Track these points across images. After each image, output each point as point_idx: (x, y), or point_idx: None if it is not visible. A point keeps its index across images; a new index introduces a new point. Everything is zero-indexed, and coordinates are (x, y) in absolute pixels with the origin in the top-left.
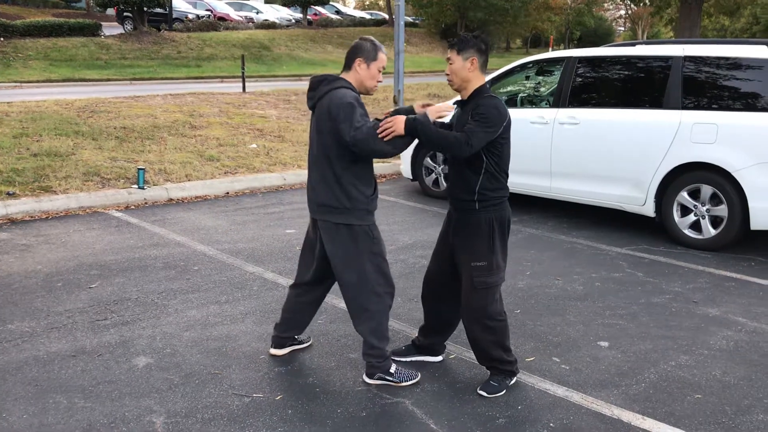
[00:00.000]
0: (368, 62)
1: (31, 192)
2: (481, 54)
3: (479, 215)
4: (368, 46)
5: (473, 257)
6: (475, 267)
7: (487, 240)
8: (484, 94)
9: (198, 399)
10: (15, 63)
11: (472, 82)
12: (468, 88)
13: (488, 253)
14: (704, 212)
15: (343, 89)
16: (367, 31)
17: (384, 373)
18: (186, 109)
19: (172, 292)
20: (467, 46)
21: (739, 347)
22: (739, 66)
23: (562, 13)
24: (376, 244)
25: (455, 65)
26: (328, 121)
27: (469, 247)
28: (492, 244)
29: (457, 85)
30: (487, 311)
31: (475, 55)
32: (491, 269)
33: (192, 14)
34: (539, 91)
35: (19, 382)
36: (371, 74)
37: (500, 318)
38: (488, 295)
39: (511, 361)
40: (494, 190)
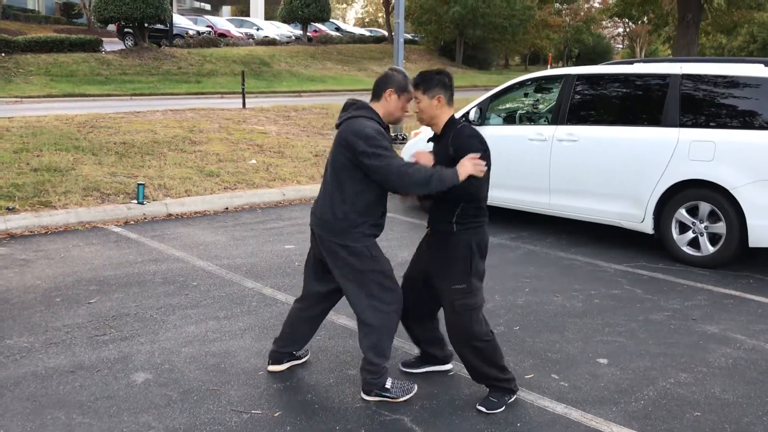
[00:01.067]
0: (399, 93)
1: (30, 207)
2: (446, 90)
3: (458, 237)
4: (400, 78)
5: (452, 280)
6: (455, 290)
7: (465, 262)
8: (456, 125)
9: (196, 415)
10: (16, 78)
11: (440, 117)
12: (438, 123)
13: (466, 275)
14: (702, 229)
15: (364, 119)
16: (366, 48)
17: (380, 390)
18: (186, 125)
19: (171, 308)
20: (431, 84)
21: (738, 365)
22: (737, 84)
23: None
24: (377, 262)
25: (422, 104)
26: (343, 147)
27: (448, 270)
28: (470, 267)
29: (427, 122)
30: (472, 333)
31: (440, 92)
32: (470, 291)
33: (192, 30)
34: (538, 108)
35: (17, 397)
36: (401, 105)
37: (487, 338)
38: (471, 316)
39: (507, 378)
40: (475, 215)
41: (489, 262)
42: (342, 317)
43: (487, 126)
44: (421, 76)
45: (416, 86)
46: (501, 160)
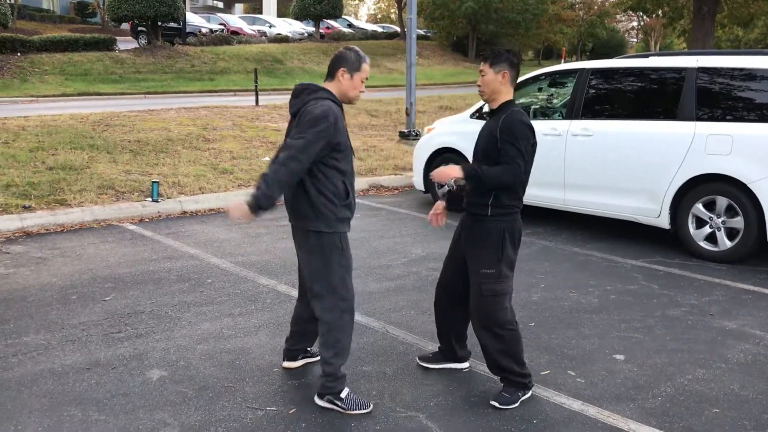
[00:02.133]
0: (351, 72)
1: (46, 205)
2: (512, 68)
3: (491, 224)
4: (352, 56)
5: (482, 264)
6: (484, 274)
7: (496, 249)
8: (512, 107)
9: (212, 412)
10: (32, 78)
11: (501, 94)
12: (497, 99)
13: (496, 261)
14: (720, 224)
15: (324, 100)
16: (379, 44)
17: (333, 396)
18: (199, 123)
19: (186, 305)
20: (500, 59)
21: (757, 361)
22: (754, 77)
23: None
24: (345, 257)
25: (487, 77)
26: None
27: (478, 254)
28: (501, 254)
29: (488, 95)
30: (496, 318)
31: (507, 68)
32: (499, 277)
33: (205, 28)
34: (552, 102)
35: (34, 394)
36: (354, 85)
37: (510, 327)
38: (496, 302)
39: (524, 373)
40: (509, 200)
41: None
42: (356, 314)
43: None
44: (491, 50)
45: (484, 59)
46: None
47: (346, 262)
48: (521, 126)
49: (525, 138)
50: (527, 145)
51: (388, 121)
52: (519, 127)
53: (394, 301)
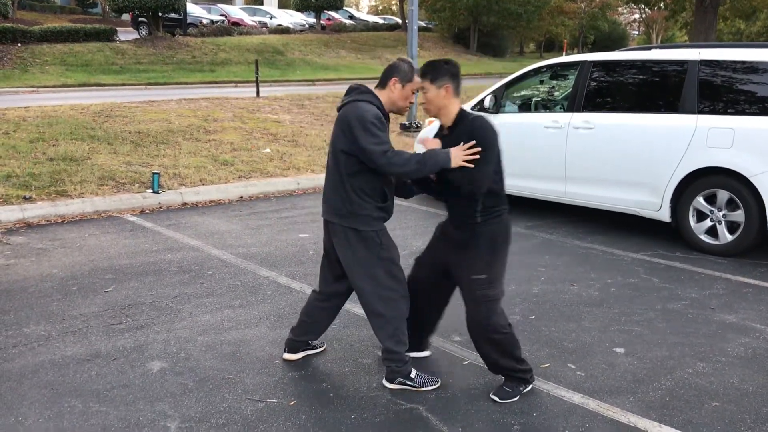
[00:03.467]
0: (403, 83)
1: (47, 196)
2: (454, 79)
3: (480, 228)
4: (405, 67)
5: (473, 270)
6: (475, 280)
7: (487, 253)
8: (468, 117)
9: (212, 404)
10: (32, 68)
11: (448, 108)
12: (447, 114)
13: (487, 266)
14: (721, 217)
15: (366, 104)
16: (380, 35)
17: (404, 378)
18: (200, 114)
19: (186, 297)
20: (440, 74)
21: (757, 354)
22: (756, 70)
23: (576, 17)
24: (385, 250)
25: (430, 93)
26: (341, 130)
27: (469, 261)
28: (492, 258)
29: (434, 113)
30: (492, 325)
31: (448, 82)
32: (491, 282)
33: (206, 19)
34: (553, 95)
35: (34, 385)
36: (404, 95)
37: (505, 331)
38: (490, 307)
39: (524, 369)
40: (496, 204)
41: None
42: (357, 306)
43: (502, 114)
44: (430, 65)
45: (423, 75)
46: (516, 148)
47: (388, 255)
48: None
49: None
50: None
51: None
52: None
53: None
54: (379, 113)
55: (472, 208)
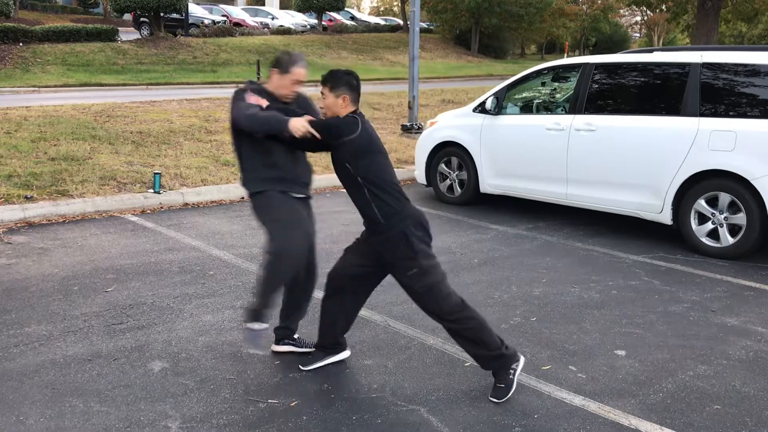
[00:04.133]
0: (282, 73)
1: (48, 196)
2: (352, 90)
3: (388, 230)
4: (285, 58)
5: (403, 269)
6: (410, 276)
7: (405, 249)
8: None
9: (213, 404)
10: (34, 68)
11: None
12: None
13: (413, 261)
14: (722, 220)
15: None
16: (382, 36)
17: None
18: (202, 114)
19: (188, 297)
20: (339, 83)
21: (758, 357)
22: (758, 73)
23: (578, 19)
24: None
25: (328, 100)
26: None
27: (396, 261)
28: (412, 251)
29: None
30: (443, 309)
31: (346, 92)
32: (423, 272)
33: (208, 20)
34: (555, 97)
35: (36, 385)
36: (282, 84)
37: (459, 311)
38: (433, 294)
39: (496, 342)
40: (393, 201)
41: (506, 253)
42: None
43: (504, 115)
44: (330, 74)
45: (324, 82)
46: (518, 149)
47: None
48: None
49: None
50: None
51: (390, 114)
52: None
53: (395, 295)
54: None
55: (371, 209)
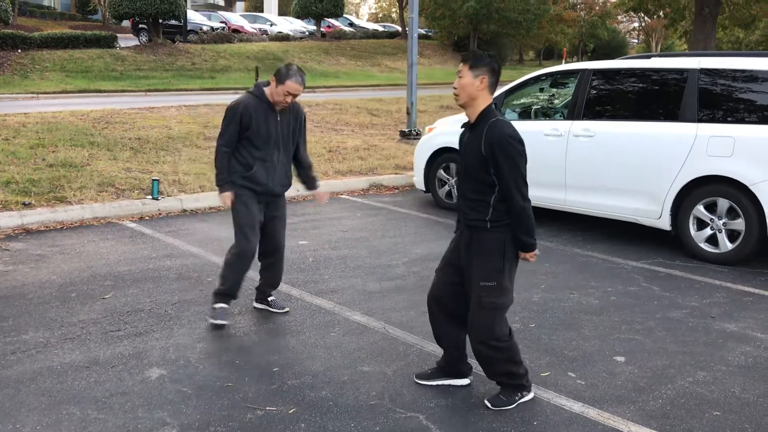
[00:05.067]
0: (277, 83)
1: (46, 202)
2: (492, 74)
3: (490, 234)
4: (283, 70)
5: (482, 277)
6: (484, 287)
7: (497, 260)
8: (491, 117)
9: (211, 412)
10: (32, 74)
11: (478, 100)
12: (474, 107)
13: (497, 273)
14: (721, 226)
15: (247, 95)
16: (380, 43)
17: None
18: (200, 121)
19: (186, 304)
20: (480, 63)
21: (758, 363)
22: (756, 78)
23: (576, 25)
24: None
25: (464, 80)
26: None
27: (479, 266)
28: (502, 265)
29: (463, 101)
30: (494, 332)
31: (486, 74)
32: (500, 290)
33: (206, 26)
34: (553, 103)
35: (32, 392)
36: (277, 92)
37: (506, 340)
38: (495, 315)
39: (521, 374)
40: (507, 211)
41: None
42: (356, 314)
43: None
44: (472, 53)
45: (464, 60)
46: None
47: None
48: (511, 141)
49: (520, 155)
50: (524, 162)
51: (389, 120)
52: (507, 142)
53: (394, 301)
54: (245, 101)
55: (484, 213)
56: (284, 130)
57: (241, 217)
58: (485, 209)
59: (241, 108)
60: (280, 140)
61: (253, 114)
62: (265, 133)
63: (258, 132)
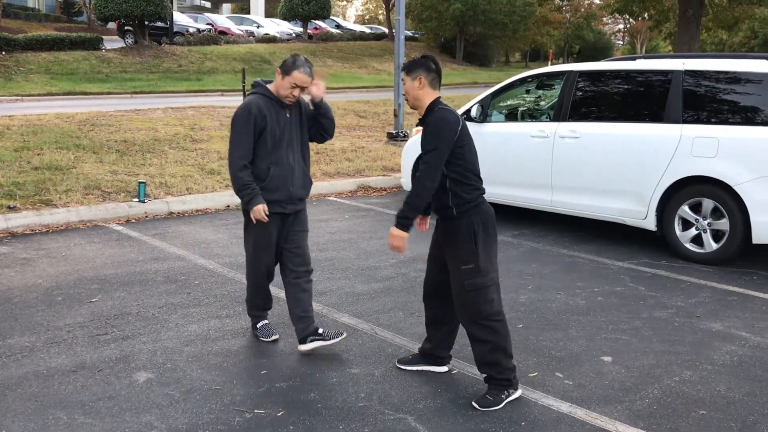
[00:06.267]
0: (283, 75)
1: (31, 205)
2: (428, 72)
3: (459, 221)
4: (289, 61)
5: (460, 261)
6: (464, 270)
7: (470, 243)
8: (435, 108)
9: (199, 415)
10: (17, 77)
11: (423, 99)
12: (422, 105)
13: (473, 255)
14: (706, 226)
15: (252, 96)
16: (367, 45)
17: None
18: (187, 123)
19: (173, 307)
20: (414, 66)
21: (743, 362)
22: (740, 80)
23: (561, 27)
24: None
25: (407, 85)
26: None
27: (455, 252)
28: (476, 247)
29: (412, 103)
30: (481, 312)
31: (422, 74)
32: (479, 270)
33: (193, 28)
34: (539, 105)
35: (18, 397)
36: (283, 85)
37: (497, 318)
38: (479, 296)
39: (509, 367)
40: (467, 192)
41: None
42: (345, 315)
43: (489, 123)
44: (407, 61)
45: (403, 69)
46: (503, 157)
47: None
48: (442, 124)
49: (442, 134)
50: (448, 139)
51: (376, 122)
52: (440, 125)
53: (382, 303)
54: (256, 103)
55: (446, 200)
56: (296, 127)
57: (256, 236)
58: (445, 196)
59: (254, 110)
60: (293, 139)
61: (267, 114)
62: (279, 133)
63: (272, 133)
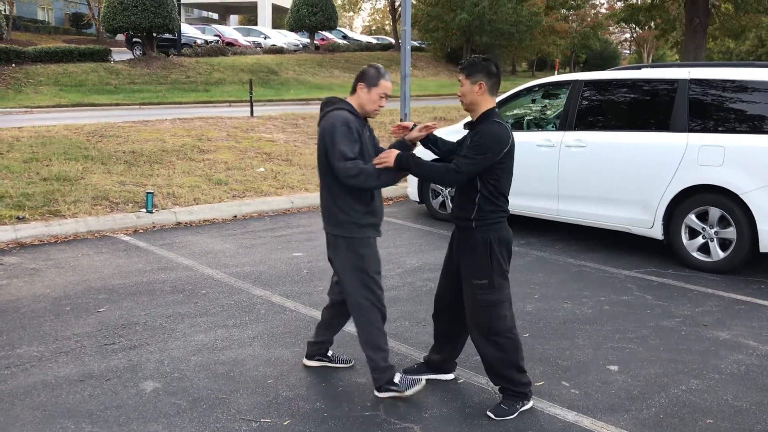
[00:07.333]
0: (369, 87)
1: (40, 216)
2: (489, 77)
3: (477, 234)
4: (371, 72)
5: (474, 275)
6: (477, 285)
7: (486, 258)
8: (490, 119)
9: (206, 424)
10: (26, 88)
11: (480, 105)
12: (477, 111)
13: (488, 271)
14: (713, 235)
15: (340, 111)
16: (374, 55)
17: (388, 384)
18: (194, 134)
19: (180, 316)
20: (475, 70)
21: (750, 371)
22: (746, 88)
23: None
24: (361, 260)
25: (464, 88)
26: (322, 140)
27: (470, 265)
28: (491, 263)
29: (466, 106)
30: (492, 327)
31: (483, 79)
32: (492, 287)
33: (200, 39)
34: (546, 114)
35: (27, 407)
36: (371, 99)
37: (508, 335)
38: (492, 312)
39: (524, 382)
40: (492, 211)
41: None
42: (350, 325)
43: None
44: (468, 61)
45: (461, 70)
46: None
47: (363, 266)
48: (491, 138)
49: (488, 149)
50: (491, 156)
51: (383, 131)
52: (488, 139)
53: (388, 312)
54: (350, 117)
55: (469, 212)
56: (371, 145)
57: (371, 263)
58: (471, 207)
59: (353, 124)
60: (372, 159)
61: (362, 132)
62: (367, 154)
63: (365, 153)
